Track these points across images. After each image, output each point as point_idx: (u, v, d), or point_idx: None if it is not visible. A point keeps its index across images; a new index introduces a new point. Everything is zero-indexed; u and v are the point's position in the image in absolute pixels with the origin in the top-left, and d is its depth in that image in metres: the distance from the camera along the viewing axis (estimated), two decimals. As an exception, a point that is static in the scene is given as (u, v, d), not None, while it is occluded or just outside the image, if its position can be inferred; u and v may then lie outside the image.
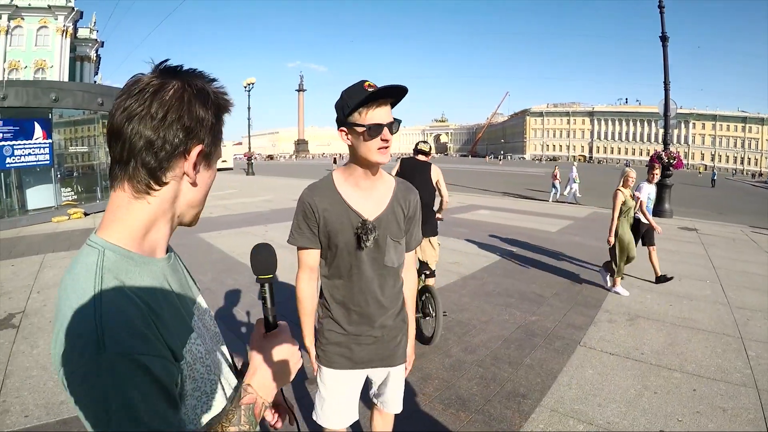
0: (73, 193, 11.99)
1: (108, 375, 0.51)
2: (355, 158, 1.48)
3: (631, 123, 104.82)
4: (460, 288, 5.08)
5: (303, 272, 1.61)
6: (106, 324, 0.54)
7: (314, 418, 1.68)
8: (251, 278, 5.40)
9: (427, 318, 3.59)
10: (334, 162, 35.80)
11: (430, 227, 4.00)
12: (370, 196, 1.53)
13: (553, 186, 17.02)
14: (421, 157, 4.17)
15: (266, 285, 0.84)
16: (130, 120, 0.62)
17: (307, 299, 1.63)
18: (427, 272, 3.87)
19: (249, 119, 30.11)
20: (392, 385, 1.74)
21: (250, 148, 32.51)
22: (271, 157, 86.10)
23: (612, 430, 2.52)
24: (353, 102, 1.37)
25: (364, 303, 1.56)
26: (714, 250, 7.69)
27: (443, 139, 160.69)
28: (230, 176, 27.72)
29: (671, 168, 11.85)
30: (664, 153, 11.82)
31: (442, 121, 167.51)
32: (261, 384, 0.73)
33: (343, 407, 1.66)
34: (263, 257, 0.87)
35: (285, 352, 0.78)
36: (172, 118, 0.63)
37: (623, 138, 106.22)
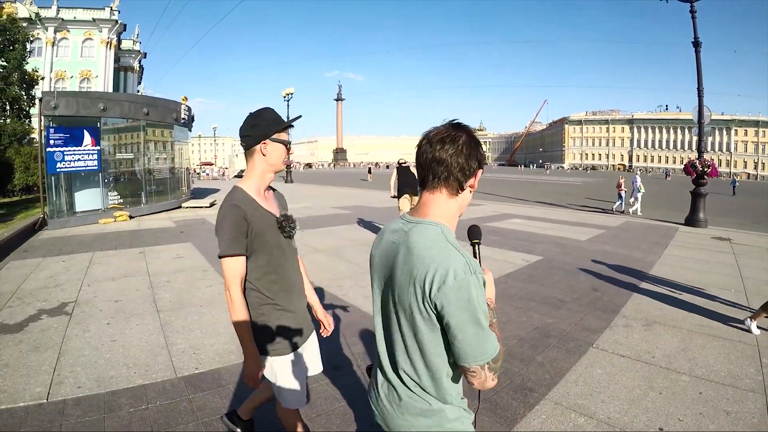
0: (119, 197, 12.70)
1: (474, 284, 1.00)
2: (265, 168, 1.78)
3: (671, 130, 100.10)
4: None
5: (238, 283, 1.67)
6: (468, 259, 1.03)
7: (287, 405, 1.86)
8: None
9: None
10: (369, 172, 36.07)
11: (416, 191, 7.24)
12: (270, 200, 1.86)
13: (619, 196, 16.59)
14: (404, 164, 8.65)
15: (477, 246, 1.31)
16: (450, 154, 1.10)
17: (246, 308, 1.72)
18: None
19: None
20: (314, 348, 2.01)
21: (288, 156, 33.37)
22: (309, 165, 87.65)
23: (611, 425, 2.69)
24: (278, 123, 1.76)
25: (296, 281, 1.89)
26: (745, 259, 7.46)
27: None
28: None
29: (706, 176, 11.49)
30: (698, 161, 11.48)
31: (480, 130, 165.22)
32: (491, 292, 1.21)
33: (304, 383, 1.88)
34: (476, 230, 1.36)
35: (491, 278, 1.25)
36: (473, 154, 1.13)
37: (663, 146, 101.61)
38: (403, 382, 1.15)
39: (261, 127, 1.73)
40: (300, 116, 2.15)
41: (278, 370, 1.79)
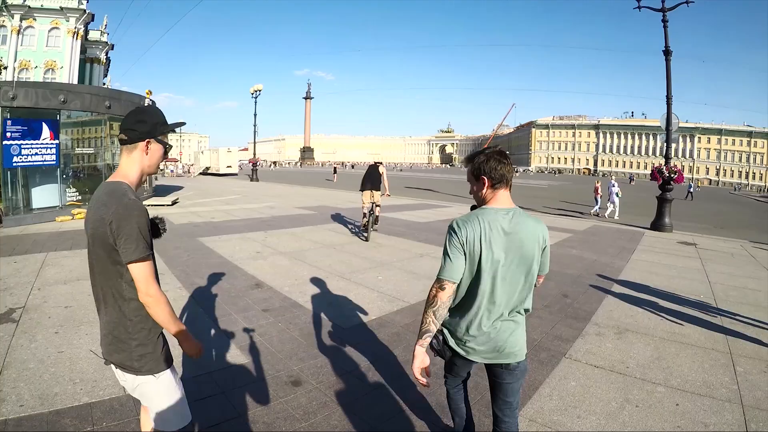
0: (78, 193, 12.17)
1: (449, 236, 1.84)
2: (144, 166, 1.68)
3: (636, 136, 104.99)
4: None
5: (155, 281, 1.62)
6: None
7: (171, 428, 1.70)
8: (247, 284, 5.57)
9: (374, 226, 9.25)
10: (334, 172, 35.41)
11: (378, 187, 9.39)
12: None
13: (596, 200, 17.22)
14: (375, 163, 9.76)
15: None
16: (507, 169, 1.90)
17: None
18: (377, 205, 9.36)
19: (255, 126, 30.58)
20: None
21: (255, 154, 32.82)
22: (276, 163, 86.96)
23: (589, 443, 2.52)
24: (166, 125, 1.71)
25: None
26: (712, 265, 7.64)
27: (448, 149, 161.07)
28: (235, 182, 27.91)
29: (672, 182, 11.82)
30: (665, 167, 11.81)
31: (448, 132, 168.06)
32: None
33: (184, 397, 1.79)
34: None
35: None
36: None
37: (628, 151, 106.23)
38: (520, 314, 1.93)
39: (148, 125, 1.64)
40: (184, 123, 2.01)
41: (163, 386, 1.68)
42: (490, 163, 1.86)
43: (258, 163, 31.85)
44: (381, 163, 9.89)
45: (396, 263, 6.93)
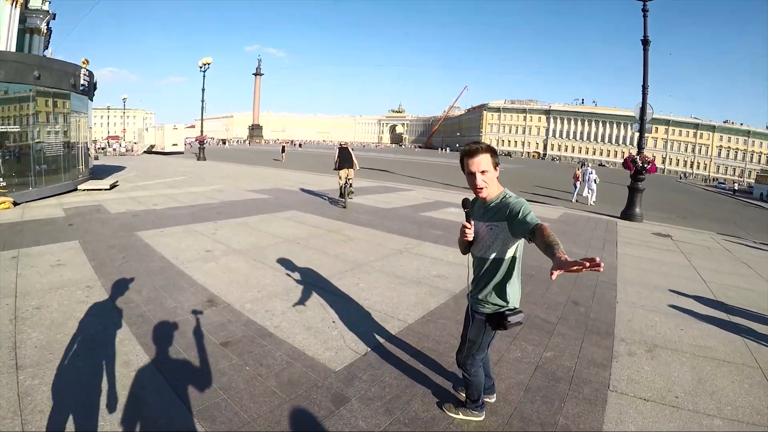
0: (1, 179, 10.29)
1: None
2: None
3: (586, 123, 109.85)
4: (454, 312, 4.38)
5: None
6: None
7: None
8: (197, 299, 4.45)
9: (350, 195, 11.06)
10: (282, 151, 33.72)
11: (351, 165, 11.49)
12: None
13: (574, 186, 18.15)
14: (343, 145, 11.90)
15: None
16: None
17: None
18: (350, 181, 11.24)
19: (203, 101, 28.69)
20: None
21: (202, 131, 30.73)
22: (224, 141, 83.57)
23: None
24: None
25: None
26: (696, 260, 7.61)
27: (399, 129, 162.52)
28: (181, 161, 25.69)
29: (644, 172, 11.94)
30: (638, 157, 11.88)
31: (399, 112, 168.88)
32: None
33: None
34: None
35: None
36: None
37: (578, 137, 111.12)
38: None
39: None
40: None
41: None
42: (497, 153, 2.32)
43: (205, 141, 29.78)
44: (345, 144, 12.27)
45: (375, 263, 6.12)
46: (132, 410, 2.61)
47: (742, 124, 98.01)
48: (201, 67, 27.25)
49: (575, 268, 1.59)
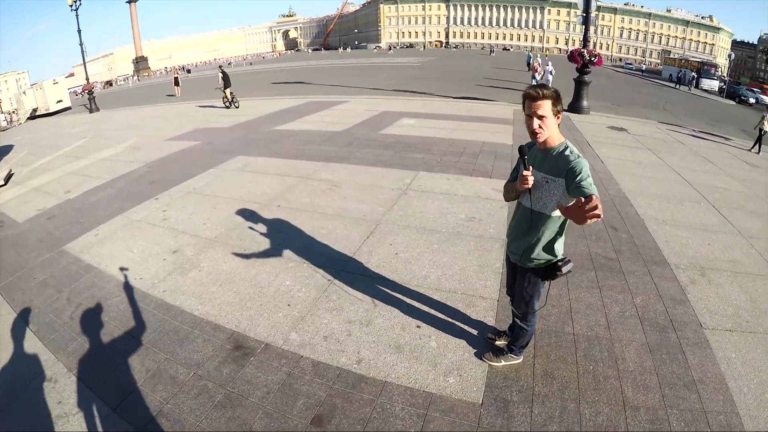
0: None
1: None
2: None
3: (487, 8, 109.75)
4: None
5: None
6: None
7: None
8: (214, 348, 3.17)
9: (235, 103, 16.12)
10: (176, 84, 27.12)
11: (230, 84, 16.14)
12: None
13: (533, 78, 19.42)
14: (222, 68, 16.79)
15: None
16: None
17: None
18: (233, 96, 16.13)
19: (81, 44, 23.77)
20: None
21: (88, 79, 25.53)
22: (110, 83, 71.27)
23: None
24: None
25: None
26: (666, 157, 8.38)
27: (292, 34, 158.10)
28: (72, 119, 20.43)
29: (591, 65, 12.41)
30: (585, 50, 12.20)
31: (290, 16, 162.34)
32: None
33: None
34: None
35: None
36: None
37: (480, 23, 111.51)
38: None
39: None
40: None
41: None
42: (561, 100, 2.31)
43: (93, 89, 25.00)
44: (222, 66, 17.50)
45: (389, 215, 5.37)
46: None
47: (642, 6, 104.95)
48: (71, 5, 22.61)
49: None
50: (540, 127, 2.24)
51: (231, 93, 15.88)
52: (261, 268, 4.28)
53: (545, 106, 2.21)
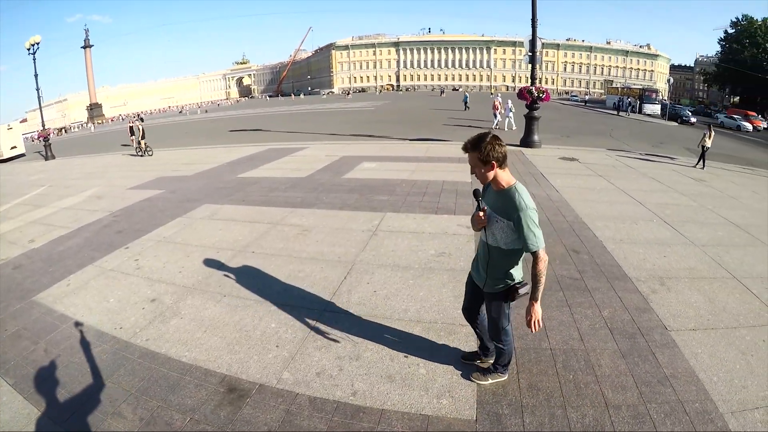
0: None
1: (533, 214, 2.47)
2: None
3: (436, 51, 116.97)
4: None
5: None
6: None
7: None
8: (208, 392, 3.20)
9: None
10: (132, 133, 25.54)
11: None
12: None
13: (495, 116, 20.89)
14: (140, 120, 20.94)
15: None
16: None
17: None
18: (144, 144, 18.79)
19: (38, 89, 23.79)
20: None
21: (44, 125, 25.22)
22: (63, 130, 70.07)
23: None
24: None
25: None
26: (618, 182, 9.11)
27: (246, 81, 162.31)
28: (27, 165, 19.82)
29: (540, 101, 13.43)
30: (534, 87, 13.24)
31: (244, 63, 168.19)
32: None
33: None
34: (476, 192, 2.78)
35: None
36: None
37: (429, 65, 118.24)
38: None
39: None
40: None
41: None
42: (495, 149, 2.45)
43: (49, 136, 24.70)
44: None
45: (362, 256, 5.59)
46: None
47: (583, 40, 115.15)
48: (29, 49, 22.75)
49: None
50: (474, 174, 2.60)
51: (145, 143, 18.39)
52: (244, 312, 4.33)
53: (471, 158, 2.54)
